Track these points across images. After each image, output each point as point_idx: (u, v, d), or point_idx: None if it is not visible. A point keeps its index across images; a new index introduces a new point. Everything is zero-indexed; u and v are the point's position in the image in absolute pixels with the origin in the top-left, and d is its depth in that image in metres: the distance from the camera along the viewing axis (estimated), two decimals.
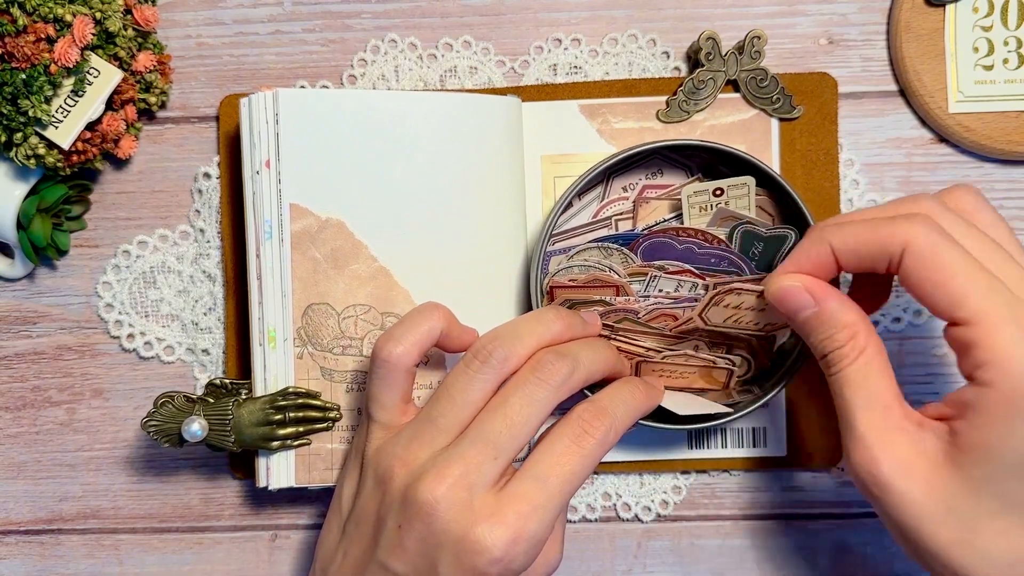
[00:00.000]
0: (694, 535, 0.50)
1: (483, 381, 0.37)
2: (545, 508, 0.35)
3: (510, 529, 0.34)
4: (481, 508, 0.34)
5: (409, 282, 0.44)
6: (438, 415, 0.37)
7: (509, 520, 0.34)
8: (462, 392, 0.37)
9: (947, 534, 0.32)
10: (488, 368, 0.37)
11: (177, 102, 0.49)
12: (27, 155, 0.44)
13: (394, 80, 0.49)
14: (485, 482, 0.35)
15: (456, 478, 0.35)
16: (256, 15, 0.49)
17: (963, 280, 0.31)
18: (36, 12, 0.42)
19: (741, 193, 0.43)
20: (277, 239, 0.43)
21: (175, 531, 0.51)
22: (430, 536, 0.34)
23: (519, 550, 0.34)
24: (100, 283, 0.49)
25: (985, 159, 0.48)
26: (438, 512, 0.34)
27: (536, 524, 0.34)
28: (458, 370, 0.37)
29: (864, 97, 0.48)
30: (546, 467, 0.35)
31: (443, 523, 0.34)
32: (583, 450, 0.36)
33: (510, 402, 0.36)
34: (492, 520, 0.34)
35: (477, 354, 0.37)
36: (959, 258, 0.31)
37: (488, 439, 0.35)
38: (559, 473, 0.35)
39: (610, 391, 0.39)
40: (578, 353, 0.38)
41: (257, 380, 0.44)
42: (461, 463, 0.35)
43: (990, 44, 0.47)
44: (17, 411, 0.50)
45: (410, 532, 0.35)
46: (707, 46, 0.46)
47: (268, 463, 0.44)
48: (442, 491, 0.34)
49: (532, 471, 0.35)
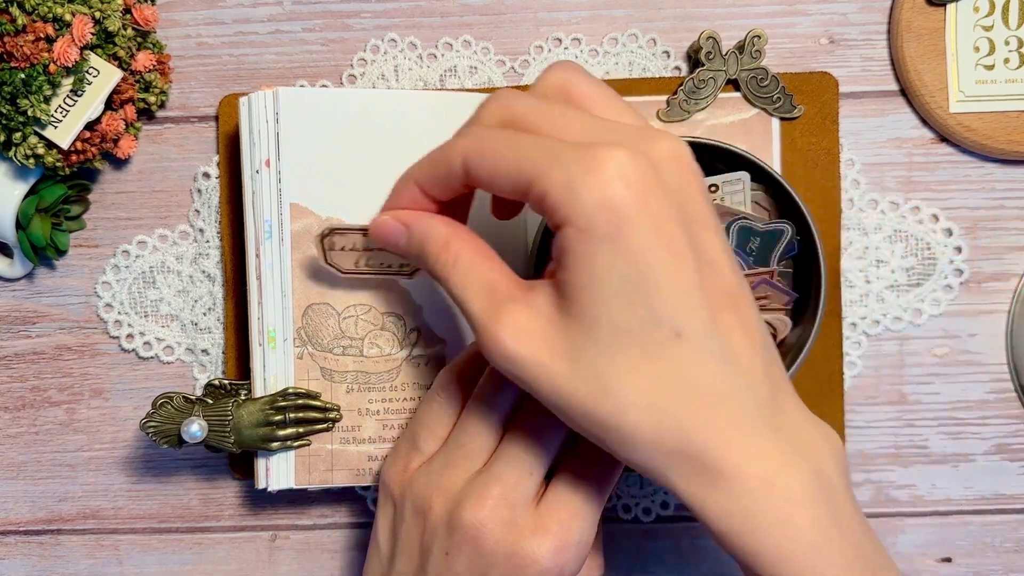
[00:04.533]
0: (694, 536, 0.50)
1: (505, 401, 0.37)
2: (584, 512, 0.35)
3: (555, 538, 0.34)
4: (525, 524, 0.35)
5: (409, 282, 0.44)
6: (467, 440, 0.37)
7: (553, 530, 0.34)
8: (487, 416, 0.37)
9: (582, 388, 0.31)
10: (508, 389, 0.37)
11: (177, 102, 0.49)
12: (26, 155, 0.44)
13: (394, 80, 0.49)
14: (525, 498, 0.35)
15: (496, 499, 0.35)
16: (256, 15, 0.49)
17: (512, 159, 0.31)
18: (35, 11, 0.42)
19: (736, 189, 0.43)
20: (277, 239, 0.43)
21: (175, 531, 0.51)
22: (479, 558, 0.35)
23: (568, 556, 0.35)
24: (99, 283, 0.49)
25: (986, 159, 0.48)
26: (484, 534, 0.34)
27: (579, 529, 0.35)
28: (479, 393, 0.37)
29: (865, 97, 0.48)
30: (579, 473, 0.36)
31: (491, 544, 0.34)
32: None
33: (535, 418, 0.36)
34: (537, 533, 0.34)
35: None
36: (503, 143, 0.32)
37: (520, 457, 0.36)
38: (592, 476, 0.36)
39: None
40: None
41: (257, 380, 0.44)
42: (498, 484, 0.35)
43: (991, 44, 0.47)
44: (17, 411, 0.50)
45: (459, 557, 0.35)
46: (707, 45, 0.46)
47: (268, 464, 0.44)
48: (485, 513, 0.35)
49: (566, 479, 0.36)
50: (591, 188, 0.29)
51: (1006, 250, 0.48)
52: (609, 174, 0.29)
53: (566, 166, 0.30)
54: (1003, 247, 0.49)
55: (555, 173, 0.30)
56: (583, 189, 0.29)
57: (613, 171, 0.29)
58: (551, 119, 0.32)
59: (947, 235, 0.48)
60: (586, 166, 0.29)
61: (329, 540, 0.50)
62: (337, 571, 0.50)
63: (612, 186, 0.29)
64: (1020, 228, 0.48)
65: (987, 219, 0.48)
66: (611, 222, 0.29)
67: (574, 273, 0.30)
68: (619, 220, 0.29)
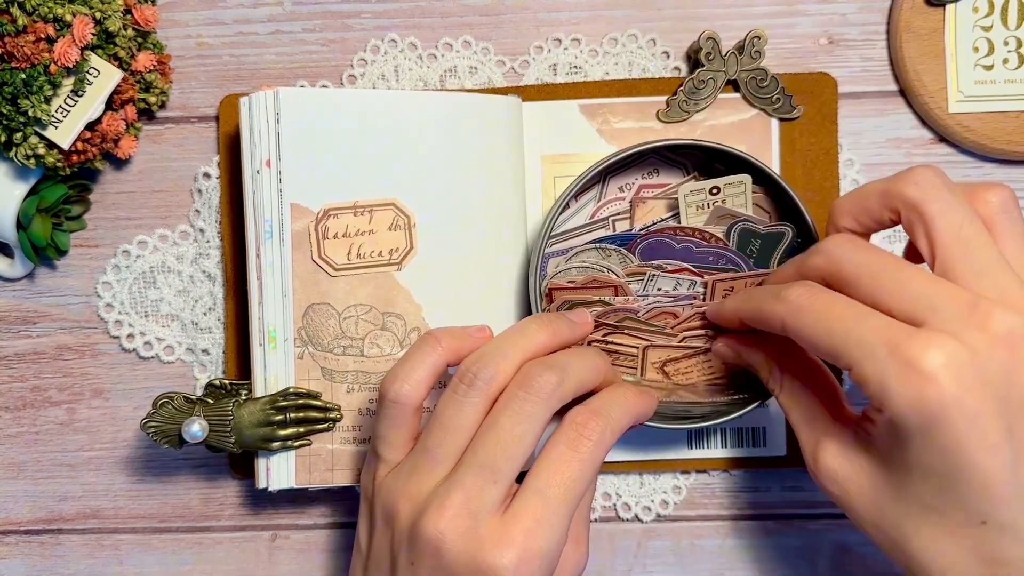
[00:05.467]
0: (694, 535, 0.50)
1: (472, 405, 0.36)
2: (550, 520, 0.34)
3: (518, 549, 0.33)
4: (488, 534, 0.34)
5: (410, 282, 0.44)
6: (433, 445, 0.36)
7: (517, 540, 0.33)
8: (452, 418, 0.36)
9: (884, 536, 0.34)
10: (475, 391, 0.36)
11: (177, 102, 0.49)
12: (27, 155, 0.44)
13: (394, 80, 0.49)
14: (488, 507, 0.34)
15: (457, 508, 0.34)
16: (256, 15, 0.49)
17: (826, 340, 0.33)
18: (36, 12, 0.42)
19: (737, 191, 0.43)
20: (278, 239, 0.43)
21: (175, 531, 0.51)
22: (440, 570, 0.34)
23: (532, 568, 0.34)
24: (100, 283, 0.49)
25: (985, 159, 0.48)
26: (445, 545, 0.34)
27: (544, 539, 0.34)
28: (446, 396, 0.36)
29: (864, 97, 0.48)
30: (545, 478, 0.35)
31: (452, 555, 0.34)
32: (580, 454, 0.35)
33: (500, 422, 0.35)
34: (500, 544, 0.33)
35: (463, 377, 0.36)
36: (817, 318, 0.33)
37: (484, 463, 0.35)
38: (559, 482, 0.34)
39: (602, 394, 0.38)
40: (566, 362, 0.37)
41: (257, 380, 0.44)
42: (461, 492, 0.34)
43: (990, 44, 0.47)
44: (17, 411, 0.50)
45: (422, 567, 0.34)
46: (707, 46, 0.46)
47: (268, 464, 0.44)
48: (445, 523, 0.34)
49: (533, 485, 0.35)
50: (904, 389, 0.30)
51: None
52: (922, 374, 0.30)
53: (879, 362, 0.31)
54: None
55: (868, 367, 0.31)
56: (896, 388, 0.30)
57: (926, 370, 0.30)
58: (878, 285, 0.33)
59: None
60: (899, 363, 0.30)
61: (329, 540, 0.50)
62: (337, 571, 0.50)
63: (925, 388, 0.30)
64: None
65: None
66: (924, 421, 0.30)
67: (889, 449, 0.33)
68: (931, 420, 0.30)
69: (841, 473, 0.35)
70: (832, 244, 0.35)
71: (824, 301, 0.33)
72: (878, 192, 0.35)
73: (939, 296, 0.31)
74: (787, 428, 0.48)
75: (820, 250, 0.35)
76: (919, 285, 0.32)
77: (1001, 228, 0.34)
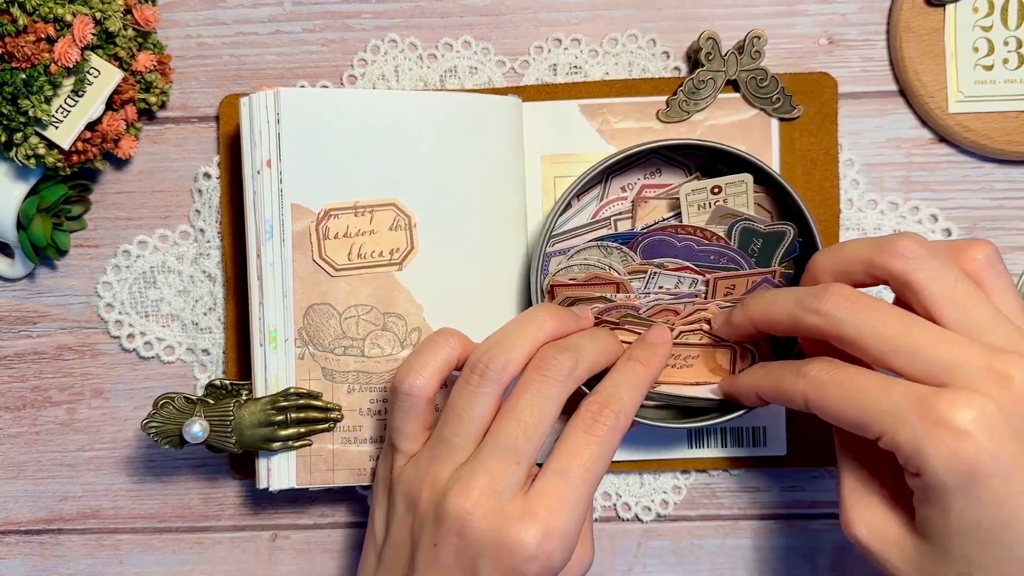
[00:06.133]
0: (694, 535, 0.50)
1: (485, 395, 0.37)
2: (571, 500, 0.36)
3: (542, 525, 0.35)
4: (512, 511, 0.35)
5: (410, 282, 0.44)
6: (450, 435, 0.37)
7: (540, 517, 0.35)
8: (467, 408, 0.37)
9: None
10: (487, 381, 0.37)
11: (177, 102, 0.49)
12: (27, 155, 0.44)
13: (394, 80, 0.49)
14: (511, 487, 0.36)
15: (483, 488, 0.35)
16: (256, 15, 0.49)
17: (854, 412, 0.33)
18: (36, 12, 0.42)
19: (739, 190, 0.43)
20: (278, 239, 0.43)
21: (175, 531, 0.51)
22: (466, 547, 0.35)
23: (554, 544, 0.35)
24: (100, 283, 0.49)
25: (985, 159, 0.48)
26: (471, 522, 0.35)
27: (565, 517, 0.35)
28: (459, 387, 0.38)
29: (864, 97, 0.48)
30: (565, 461, 0.36)
31: (478, 532, 0.35)
32: (597, 438, 0.37)
33: (520, 405, 0.37)
34: (524, 520, 0.35)
35: (474, 368, 0.37)
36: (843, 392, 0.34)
37: (506, 446, 0.36)
38: (578, 464, 0.36)
39: (611, 378, 0.39)
40: (579, 344, 0.38)
41: (258, 381, 0.44)
42: (485, 473, 0.35)
43: (990, 44, 0.47)
44: (17, 411, 0.50)
45: (446, 547, 0.35)
46: (707, 46, 0.46)
47: (269, 464, 0.44)
48: (472, 503, 0.35)
49: (553, 467, 0.36)
50: (939, 449, 0.31)
51: (1005, 250, 0.49)
52: (955, 432, 0.31)
53: (911, 426, 0.31)
54: (1002, 247, 0.48)
55: (901, 433, 0.32)
56: (932, 449, 0.31)
57: (959, 427, 0.30)
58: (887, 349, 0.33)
59: (946, 235, 0.48)
60: (931, 424, 0.31)
61: (329, 540, 0.50)
62: (337, 571, 0.50)
63: (960, 445, 0.30)
64: (1019, 228, 0.49)
65: (986, 219, 0.49)
66: (963, 478, 0.31)
67: (929, 512, 0.33)
68: (969, 476, 0.31)
69: (886, 535, 0.35)
70: (830, 306, 0.35)
71: (845, 374, 0.34)
72: (862, 261, 0.36)
73: (954, 355, 0.32)
74: (787, 427, 0.48)
75: (818, 310, 0.35)
76: (930, 346, 0.33)
77: (990, 284, 0.35)
